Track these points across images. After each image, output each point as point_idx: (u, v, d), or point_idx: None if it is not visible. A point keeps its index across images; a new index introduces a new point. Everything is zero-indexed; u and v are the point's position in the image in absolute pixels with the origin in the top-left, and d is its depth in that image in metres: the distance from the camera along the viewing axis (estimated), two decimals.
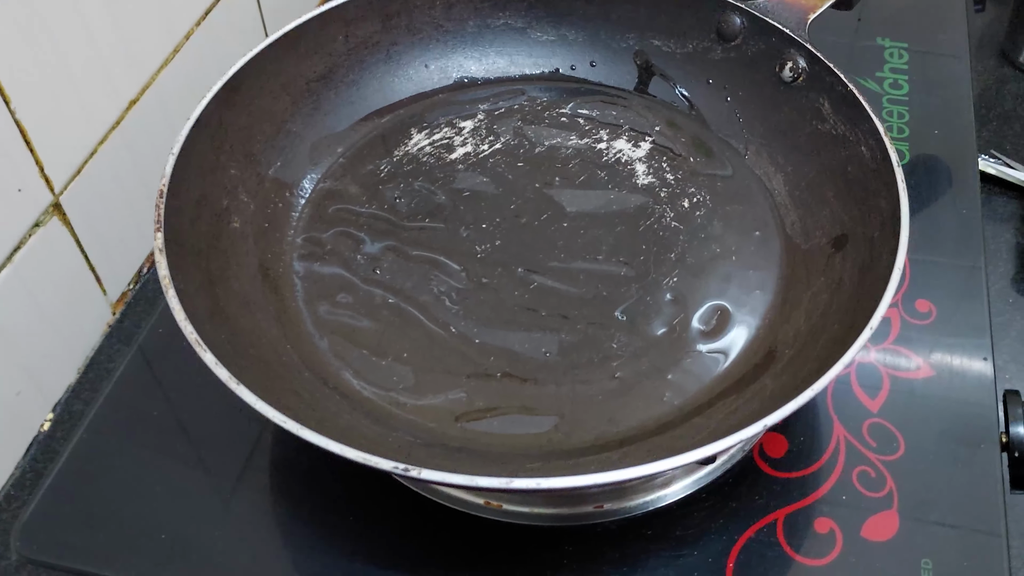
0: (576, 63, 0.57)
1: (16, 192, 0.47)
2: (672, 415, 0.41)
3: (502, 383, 0.43)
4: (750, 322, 0.45)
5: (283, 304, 0.45)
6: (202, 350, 0.36)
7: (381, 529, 0.44)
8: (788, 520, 0.43)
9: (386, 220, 0.50)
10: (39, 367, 0.51)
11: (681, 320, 0.45)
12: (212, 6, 0.60)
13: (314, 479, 0.45)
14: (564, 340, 0.44)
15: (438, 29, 0.55)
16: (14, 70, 0.44)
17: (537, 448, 0.40)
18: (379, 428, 0.40)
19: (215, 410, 0.48)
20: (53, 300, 0.51)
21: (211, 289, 0.42)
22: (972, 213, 0.56)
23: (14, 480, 0.50)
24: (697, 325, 0.45)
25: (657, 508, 0.44)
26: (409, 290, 0.47)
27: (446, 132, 0.54)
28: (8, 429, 0.50)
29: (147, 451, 0.47)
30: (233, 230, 0.46)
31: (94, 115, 0.52)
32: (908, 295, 0.52)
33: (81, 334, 0.55)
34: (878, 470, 0.45)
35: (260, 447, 0.47)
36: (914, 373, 0.49)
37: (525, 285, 0.47)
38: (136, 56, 0.54)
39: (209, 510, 0.45)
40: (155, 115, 0.56)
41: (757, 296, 0.46)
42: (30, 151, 0.47)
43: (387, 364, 0.43)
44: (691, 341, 0.44)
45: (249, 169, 0.48)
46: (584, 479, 0.32)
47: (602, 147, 0.53)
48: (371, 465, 0.33)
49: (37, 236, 0.49)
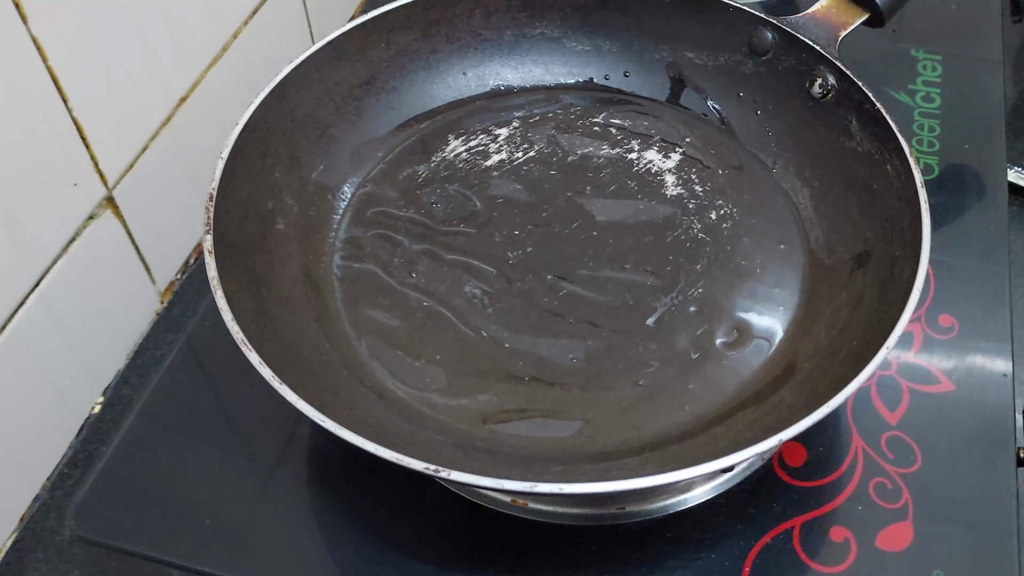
0: (610, 73, 0.58)
1: (72, 186, 0.49)
2: (692, 424, 0.43)
3: (529, 387, 0.44)
4: (771, 335, 0.46)
5: (323, 304, 0.47)
6: (248, 350, 0.38)
7: (411, 521, 0.45)
8: (804, 528, 0.44)
9: (423, 224, 0.52)
10: (91, 353, 0.53)
11: (705, 331, 0.46)
12: (260, 5, 0.62)
13: (348, 470, 0.47)
14: (590, 347, 0.46)
15: (476, 38, 0.57)
16: (72, 70, 0.46)
17: (561, 452, 0.42)
18: (411, 427, 0.42)
19: (257, 399, 0.49)
20: (105, 289, 0.53)
21: (256, 289, 0.44)
22: (999, 227, 0.56)
23: (67, 460, 0.52)
24: (720, 336, 0.46)
25: (677, 511, 0.45)
26: (443, 293, 0.48)
27: (482, 139, 0.56)
28: (62, 411, 0.52)
29: (192, 438, 0.49)
30: (277, 232, 0.48)
31: (146, 113, 0.53)
32: (931, 309, 0.52)
33: (131, 322, 0.57)
34: (895, 482, 0.46)
35: (298, 437, 0.49)
36: (934, 387, 0.49)
37: (554, 291, 0.48)
38: (186, 55, 0.56)
39: (248, 497, 0.47)
40: (204, 112, 0.58)
41: (779, 310, 0.47)
42: (86, 147, 0.49)
43: (420, 365, 0.45)
44: (714, 352, 0.46)
45: (293, 173, 0.50)
46: (605, 486, 0.34)
47: (633, 157, 0.55)
48: (404, 465, 0.35)
49: (91, 228, 0.51)
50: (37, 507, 0.50)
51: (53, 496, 0.50)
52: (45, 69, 0.45)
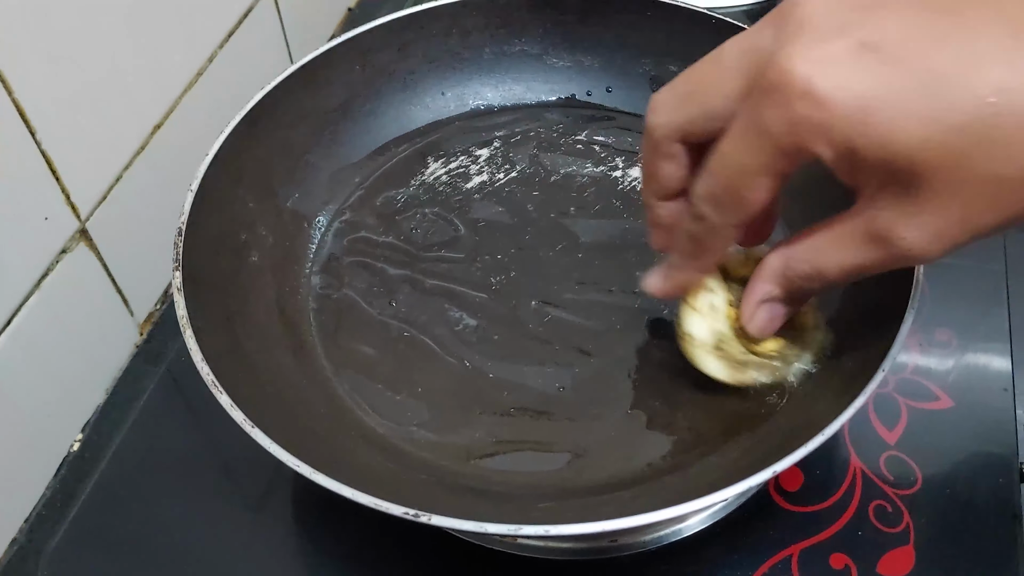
0: (592, 89, 0.57)
1: (43, 221, 0.48)
2: (685, 453, 0.41)
3: (515, 418, 0.43)
4: None
5: (299, 339, 0.46)
6: (218, 392, 0.37)
7: (400, 561, 0.44)
8: (803, 555, 0.43)
9: (403, 251, 0.50)
10: (68, 388, 0.52)
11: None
12: (235, 28, 0.61)
13: (334, 509, 0.46)
14: (578, 374, 0.45)
15: (455, 57, 0.56)
16: (39, 101, 0.45)
17: (550, 486, 0.40)
18: (393, 466, 0.40)
19: (239, 435, 0.48)
20: (81, 323, 0.52)
21: (229, 325, 0.43)
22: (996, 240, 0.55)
23: (45, 500, 0.51)
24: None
25: (672, 542, 0.44)
26: (424, 322, 0.47)
27: (462, 161, 0.54)
28: (38, 450, 0.51)
29: (170, 478, 0.48)
30: (252, 264, 0.47)
31: (119, 141, 0.52)
32: (928, 323, 0.51)
33: (109, 355, 0.56)
34: (895, 504, 0.45)
35: (282, 474, 0.47)
36: (933, 404, 0.48)
37: (539, 317, 0.47)
38: (160, 81, 0.55)
39: (230, 538, 0.45)
40: (180, 139, 0.57)
41: None
42: (56, 180, 0.48)
43: (402, 399, 0.44)
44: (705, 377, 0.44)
45: (267, 202, 0.49)
46: (592, 527, 0.33)
47: (618, 175, 0.53)
48: (382, 510, 0.33)
49: (64, 262, 0.50)
50: (14, 551, 0.49)
51: (31, 539, 0.49)
52: (10, 101, 0.44)
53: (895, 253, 0.30)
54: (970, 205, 0.29)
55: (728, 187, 0.32)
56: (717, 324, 0.40)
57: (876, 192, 0.30)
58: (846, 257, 0.32)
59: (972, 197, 0.29)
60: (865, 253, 0.31)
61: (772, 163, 0.31)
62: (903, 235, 0.30)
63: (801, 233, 0.34)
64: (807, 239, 0.34)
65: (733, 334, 0.40)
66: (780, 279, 0.35)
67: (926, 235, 0.30)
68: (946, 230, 0.29)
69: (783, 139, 0.30)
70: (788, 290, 0.35)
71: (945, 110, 0.27)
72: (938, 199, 0.29)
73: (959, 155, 0.28)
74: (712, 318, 0.40)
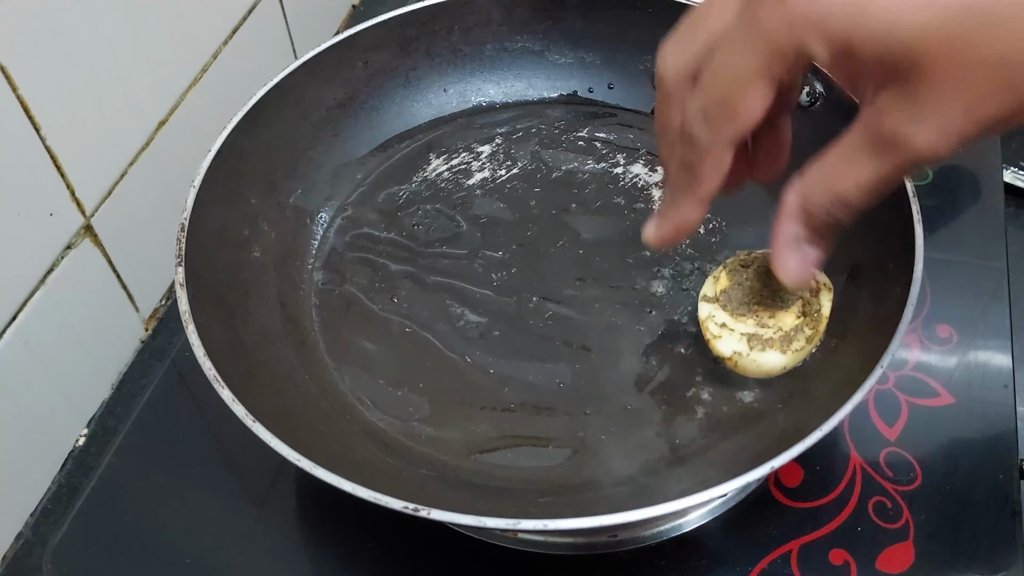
0: (594, 85, 0.57)
1: (48, 217, 0.48)
2: (684, 449, 0.41)
3: (516, 414, 0.43)
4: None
5: (301, 334, 0.46)
6: (220, 387, 0.37)
7: (402, 555, 0.44)
8: (803, 551, 0.43)
9: (404, 247, 0.51)
10: (74, 384, 0.53)
11: (695, 350, 0.45)
12: (239, 25, 0.61)
13: (337, 503, 0.46)
14: (578, 370, 0.45)
15: (456, 53, 0.56)
16: (44, 98, 0.45)
17: (549, 482, 0.41)
18: (394, 461, 0.41)
19: (243, 429, 0.48)
20: (87, 319, 0.52)
21: (231, 321, 0.43)
22: (996, 230, 0.55)
23: (51, 494, 0.51)
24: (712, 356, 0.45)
25: (672, 538, 0.44)
26: (426, 318, 0.47)
27: (464, 157, 0.55)
28: (44, 445, 0.51)
29: (174, 472, 0.48)
30: (254, 260, 0.47)
31: (124, 138, 0.53)
32: (928, 320, 0.51)
33: (114, 350, 0.56)
34: (894, 500, 0.45)
35: (285, 468, 0.48)
36: (933, 400, 0.48)
37: (540, 313, 0.47)
38: (164, 77, 0.55)
39: (233, 533, 0.46)
40: (184, 135, 0.57)
41: None
42: (61, 176, 0.48)
43: (403, 394, 0.44)
44: (704, 372, 0.45)
45: (270, 198, 0.49)
46: (590, 521, 0.33)
47: (619, 171, 0.53)
48: (382, 504, 0.34)
49: (69, 258, 0.50)
50: (20, 544, 0.49)
51: (36, 533, 0.50)
52: (15, 98, 0.44)
53: (906, 156, 0.29)
54: (973, 92, 0.27)
55: (721, 98, 0.31)
56: (738, 329, 0.41)
57: (877, 94, 0.29)
58: (860, 173, 0.30)
59: (975, 84, 0.27)
60: (877, 163, 0.30)
61: (766, 66, 0.29)
62: (910, 133, 0.28)
63: (810, 163, 0.32)
64: (817, 165, 0.32)
65: (756, 325, 0.41)
66: (801, 214, 0.33)
67: (932, 130, 0.28)
68: (952, 122, 0.28)
69: (778, 38, 0.29)
70: (812, 226, 0.33)
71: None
72: (940, 90, 0.27)
73: (959, 39, 0.26)
74: (729, 332, 0.41)
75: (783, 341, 0.41)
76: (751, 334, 0.41)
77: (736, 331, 0.41)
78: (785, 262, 0.34)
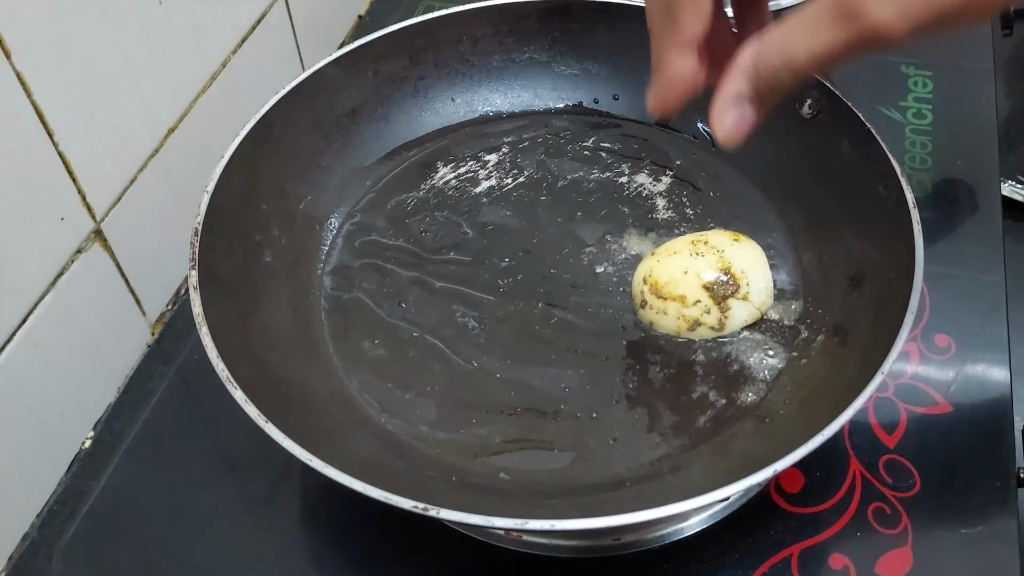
0: (599, 96, 0.58)
1: (59, 221, 0.49)
2: (687, 453, 0.42)
3: (521, 418, 0.44)
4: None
5: (311, 337, 0.47)
6: (233, 388, 0.37)
7: (407, 557, 0.45)
8: (803, 555, 0.44)
9: (412, 253, 0.51)
10: (80, 387, 0.53)
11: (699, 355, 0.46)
12: (249, 33, 0.62)
13: (343, 506, 0.46)
14: (583, 375, 0.45)
15: (464, 64, 0.57)
16: (57, 104, 0.46)
17: (554, 485, 0.41)
18: (401, 462, 0.41)
19: (249, 432, 0.48)
20: (94, 322, 0.53)
21: (242, 324, 0.43)
22: (994, 242, 0.56)
23: (57, 496, 0.52)
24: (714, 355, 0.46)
25: (674, 541, 0.44)
26: (433, 324, 0.48)
27: (471, 165, 0.55)
28: (51, 447, 0.52)
29: (182, 474, 0.49)
30: (265, 265, 0.47)
31: (134, 144, 0.53)
32: (928, 329, 0.52)
33: (121, 354, 0.56)
34: (893, 507, 0.45)
35: (291, 471, 0.48)
36: (932, 408, 0.49)
37: (546, 319, 0.48)
38: (174, 84, 0.56)
39: (240, 536, 0.46)
40: (193, 142, 0.58)
41: None
42: (73, 181, 0.49)
43: (411, 398, 0.45)
44: (708, 377, 0.45)
45: (281, 204, 0.50)
46: (596, 522, 0.34)
47: (623, 181, 0.54)
48: (392, 504, 0.34)
49: (79, 262, 0.50)
50: (27, 546, 0.49)
51: (43, 534, 0.50)
52: (29, 104, 0.45)
53: (862, 30, 0.30)
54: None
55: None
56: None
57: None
58: (816, 40, 0.31)
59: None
60: (833, 32, 0.31)
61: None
62: (870, 6, 0.29)
63: (773, 26, 0.33)
64: (778, 30, 0.33)
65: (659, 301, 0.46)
66: (749, 72, 0.34)
67: (891, 8, 0.29)
68: (911, 3, 0.29)
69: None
70: (757, 86, 0.34)
71: None
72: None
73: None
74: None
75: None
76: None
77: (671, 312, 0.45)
78: (724, 117, 0.35)
